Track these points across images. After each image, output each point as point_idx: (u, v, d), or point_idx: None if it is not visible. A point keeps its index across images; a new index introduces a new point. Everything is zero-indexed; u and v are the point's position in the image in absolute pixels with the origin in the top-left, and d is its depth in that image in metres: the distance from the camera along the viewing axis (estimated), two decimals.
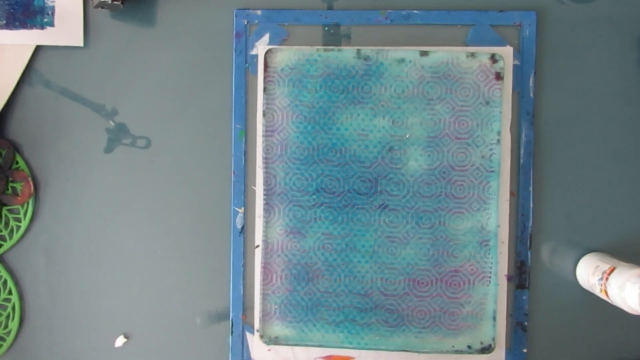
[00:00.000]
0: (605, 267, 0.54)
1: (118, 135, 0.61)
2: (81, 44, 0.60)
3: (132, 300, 0.61)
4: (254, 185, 0.59)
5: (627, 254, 0.59)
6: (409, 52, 0.58)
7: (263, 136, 0.58)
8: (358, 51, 0.58)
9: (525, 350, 0.59)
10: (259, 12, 0.59)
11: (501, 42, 0.59)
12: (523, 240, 0.58)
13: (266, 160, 0.58)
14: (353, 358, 0.59)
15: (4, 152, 0.60)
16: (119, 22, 0.60)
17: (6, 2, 0.59)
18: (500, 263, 0.59)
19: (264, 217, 0.59)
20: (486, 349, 0.58)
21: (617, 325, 0.59)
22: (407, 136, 0.58)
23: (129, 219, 0.61)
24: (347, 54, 0.58)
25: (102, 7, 0.58)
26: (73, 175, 0.61)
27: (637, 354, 0.59)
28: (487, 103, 0.58)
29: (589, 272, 0.56)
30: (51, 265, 0.61)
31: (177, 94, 0.60)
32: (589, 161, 0.59)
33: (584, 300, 0.59)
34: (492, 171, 0.58)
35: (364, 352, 0.59)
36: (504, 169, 0.58)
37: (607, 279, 0.53)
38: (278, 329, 0.59)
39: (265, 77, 0.58)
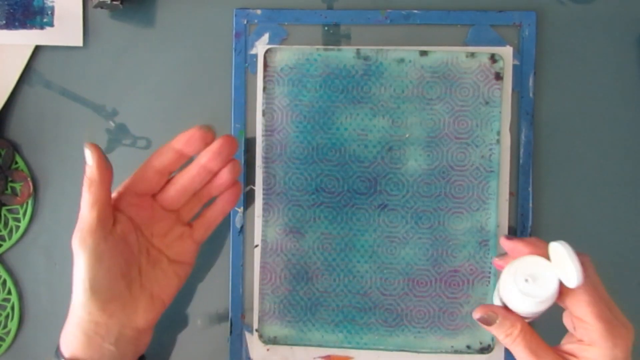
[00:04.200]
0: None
1: (118, 135, 0.61)
2: (81, 44, 0.60)
3: None
4: (254, 185, 0.59)
5: (627, 255, 0.59)
6: (409, 52, 0.58)
7: (262, 136, 0.59)
8: (358, 51, 0.58)
9: None
10: (258, 11, 0.59)
11: (501, 42, 0.59)
12: None
13: (265, 159, 0.58)
14: (352, 358, 0.59)
15: (3, 152, 0.60)
16: (119, 22, 0.60)
17: (6, 2, 0.59)
18: None
19: (263, 216, 0.59)
20: (485, 349, 0.58)
21: None
22: (407, 136, 0.58)
23: None
24: (346, 53, 0.58)
25: (102, 7, 0.58)
26: (73, 175, 0.61)
27: (637, 354, 0.59)
28: (487, 103, 0.58)
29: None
30: (51, 265, 0.61)
31: (177, 94, 0.60)
32: (588, 161, 0.59)
33: None
34: (491, 171, 0.58)
35: (363, 352, 0.59)
36: (504, 169, 0.58)
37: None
38: (277, 328, 0.59)
39: (264, 77, 0.58)
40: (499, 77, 0.57)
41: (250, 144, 0.60)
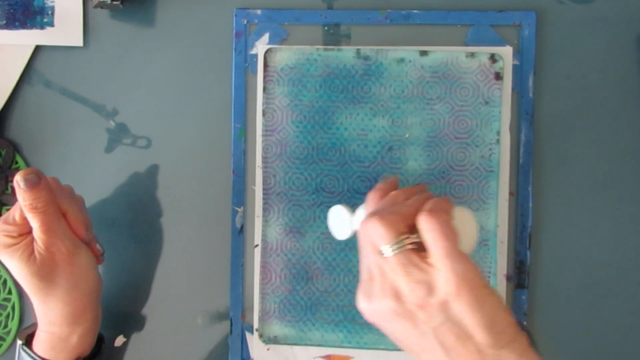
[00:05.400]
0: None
1: (119, 135, 0.61)
2: (81, 44, 0.60)
3: (132, 299, 0.61)
4: (254, 185, 0.60)
5: (627, 255, 0.59)
6: (409, 52, 0.58)
7: (262, 135, 0.59)
8: (358, 51, 0.58)
9: None
10: (258, 11, 0.59)
11: (501, 42, 0.59)
12: (522, 240, 0.58)
13: (265, 159, 0.59)
14: (352, 357, 0.59)
15: (3, 152, 0.60)
16: (119, 22, 0.60)
17: (6, 2, 0.59)
18: (500, 263, 0.58)
19: (263, 216, 0.59)
20: None
21: (617, 326, 0.59)
22: (407, 136, 0.58)
23: (128, 218, 0.61)
24: (346, 53, 0.58)
25: (102, 7, 0.58)
26: (73, 175, 0.61)
27: (637, 354, 0.59)
28: (487, 103, 0.58)
29: None
30: None
31: (177, 94, 0.61)
32: (588, 161, 0.59)
33: (584, 300, 0.59)
34: (491, 171, 0.58)
35: (363, 351, 0.59)
36: (503, 169, 0.58)
37: None
38: (277, 328, 0.59)
39: (264, 77, 0.58)
40: (498, 77, 0.57)
41: (250, 144, 0.60)
